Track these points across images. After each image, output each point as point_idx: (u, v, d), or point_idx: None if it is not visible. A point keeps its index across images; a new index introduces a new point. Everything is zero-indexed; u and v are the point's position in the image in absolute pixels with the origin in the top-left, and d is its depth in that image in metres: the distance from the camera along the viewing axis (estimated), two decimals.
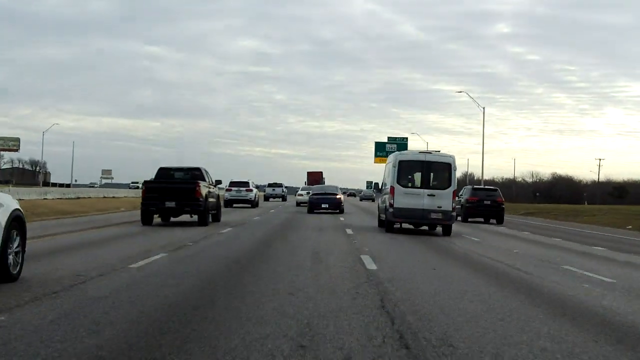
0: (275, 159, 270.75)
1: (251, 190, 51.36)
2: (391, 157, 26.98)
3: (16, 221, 10.17)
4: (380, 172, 33.20)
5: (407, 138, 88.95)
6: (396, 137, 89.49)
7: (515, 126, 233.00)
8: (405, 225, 27.44)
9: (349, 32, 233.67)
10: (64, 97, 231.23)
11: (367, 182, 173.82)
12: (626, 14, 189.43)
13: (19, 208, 10.28)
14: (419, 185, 25.34)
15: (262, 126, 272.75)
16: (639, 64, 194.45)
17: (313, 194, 43.79)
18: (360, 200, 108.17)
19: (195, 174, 28.71)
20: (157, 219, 28.09)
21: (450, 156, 25.72)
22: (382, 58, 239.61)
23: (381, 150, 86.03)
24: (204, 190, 27.03)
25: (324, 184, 79.37)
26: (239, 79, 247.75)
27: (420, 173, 25.44)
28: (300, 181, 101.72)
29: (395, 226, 26.54)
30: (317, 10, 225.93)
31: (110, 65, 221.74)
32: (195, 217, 27.96)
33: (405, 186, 25.34)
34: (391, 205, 25.14)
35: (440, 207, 24.84)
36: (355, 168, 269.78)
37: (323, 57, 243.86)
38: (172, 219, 29.12)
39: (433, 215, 25.01)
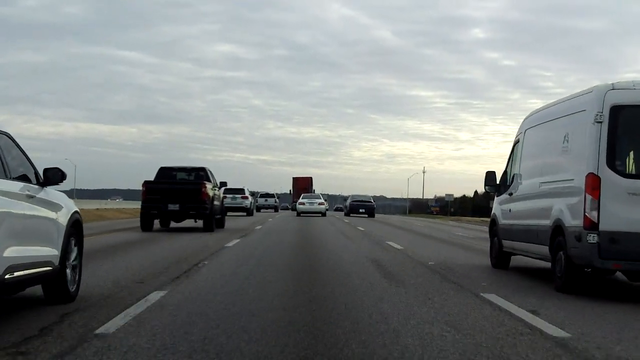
0: (255, 165, 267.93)
1: (247, 198, 48.73)
2: (579, 100, 10.81)
3: (75, 227, 8.16)
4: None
5: None
6: None
7: (492, 132, 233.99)
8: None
9: (325, 37, 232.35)
10: (40, 102, 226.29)
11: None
12: (600, 19, 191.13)
13: (78, 210, 8.26)
14: None
15: (240, 131, 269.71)
16: (614, 68, 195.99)
17: (353, 201, 54.67)
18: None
19: (200, 174, 26.57)
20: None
21: None
22: (358, 63, 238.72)
23: None
24: (210, 192, 24.99)
25: (314, 191, 78.00)
26: (215, 84, 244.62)
27: None
28: (279, 187, 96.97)
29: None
30: (292, 14, 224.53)
31: (87, 71, 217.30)
32: (199, 223, 25.93)
33: (630, 175, 9.99)
34: (591, 224, 9.74)
35: None
36: (337, 175, 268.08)
37: (299, 62, 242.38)
38: (173, 224, 26.98)
39: None
